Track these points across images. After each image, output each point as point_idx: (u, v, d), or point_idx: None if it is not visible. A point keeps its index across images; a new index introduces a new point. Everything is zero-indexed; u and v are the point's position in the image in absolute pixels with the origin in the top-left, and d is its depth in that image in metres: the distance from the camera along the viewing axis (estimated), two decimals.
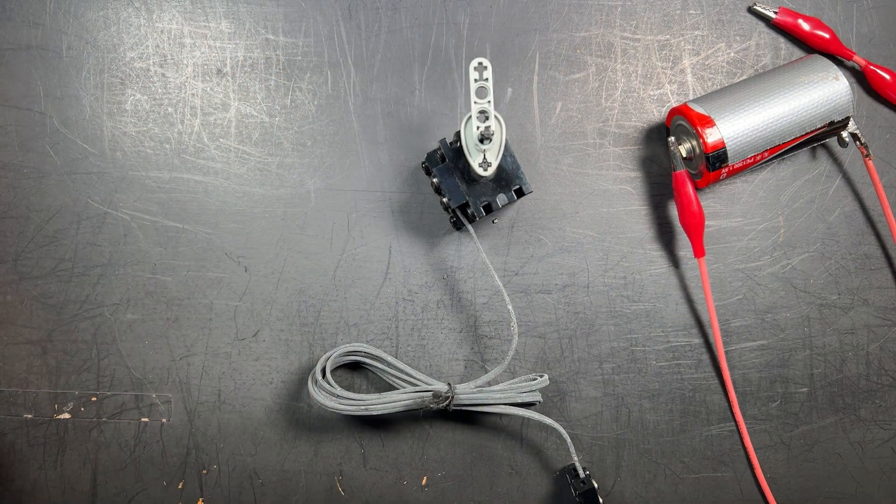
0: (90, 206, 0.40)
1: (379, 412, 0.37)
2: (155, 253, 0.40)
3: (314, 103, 0.42)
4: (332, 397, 0.38)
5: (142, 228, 0.40)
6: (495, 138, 0.34)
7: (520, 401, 0.39)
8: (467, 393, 0.38)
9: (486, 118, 0.34)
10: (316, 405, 0.40)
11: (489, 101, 0.33)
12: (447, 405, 0.37)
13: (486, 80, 0.33)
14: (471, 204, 0.36)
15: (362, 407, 0.37)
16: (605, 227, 0.42)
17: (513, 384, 0.39)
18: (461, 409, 0.38)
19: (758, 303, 0.42)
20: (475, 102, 0.33)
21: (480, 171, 0.34)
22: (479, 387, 0.38)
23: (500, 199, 0.37)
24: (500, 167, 0.36)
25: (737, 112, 0.38)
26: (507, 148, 0.36)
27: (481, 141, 0.33)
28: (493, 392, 0.39)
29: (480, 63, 0.33)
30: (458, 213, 0.38)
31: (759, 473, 0.42)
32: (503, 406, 0.38)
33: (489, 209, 0.37)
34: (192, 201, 0.41)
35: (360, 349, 0.39)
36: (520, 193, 0.37)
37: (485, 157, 0.34)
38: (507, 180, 0.37)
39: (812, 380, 0.42)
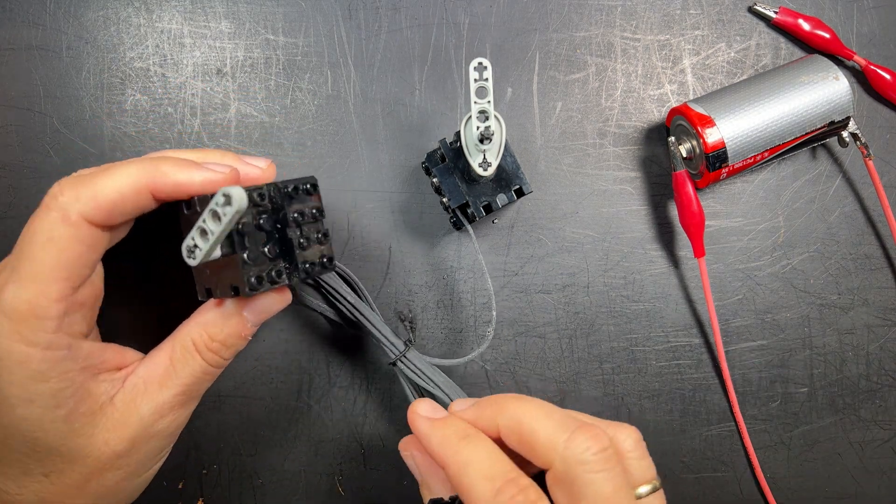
0: None
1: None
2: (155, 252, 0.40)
3: (314, 103, 0.42)
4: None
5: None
6: (495, 138, 0.34)
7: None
8: (418, 360, 0.37)
9: (486, 118, 0.34)
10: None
11: (489, 101, 0.33)
12: (394, 361, 0.37)
13: (486, 80, 0.33)
14: (471, 204, 0.36)
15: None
16: (605, 227, 0.42)
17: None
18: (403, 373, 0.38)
19: (758, 303, 0.42)
20: (475, 102, 0.33)
21: (480, 171, 0.34)
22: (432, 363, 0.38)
23: (500, 199, 0.37)
24: (500, 167, 0.36)
25: (737, 112, 0.38)
26: (507, 148, 0.36)
27: (481, 141, 0.33)
28: (439, 376, 0.37)
29: (480, 63, 0.33)
30: (458, 213, 0.38)
31: (759, 473, 0.42)
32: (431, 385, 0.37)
33: (489, 209, 0.37)
34: None
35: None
36: (520, 193, 0.37)
37: (485, 157, 0.34)
38: (507, 180, 0.37)
39: (812, 380, 0.42)
